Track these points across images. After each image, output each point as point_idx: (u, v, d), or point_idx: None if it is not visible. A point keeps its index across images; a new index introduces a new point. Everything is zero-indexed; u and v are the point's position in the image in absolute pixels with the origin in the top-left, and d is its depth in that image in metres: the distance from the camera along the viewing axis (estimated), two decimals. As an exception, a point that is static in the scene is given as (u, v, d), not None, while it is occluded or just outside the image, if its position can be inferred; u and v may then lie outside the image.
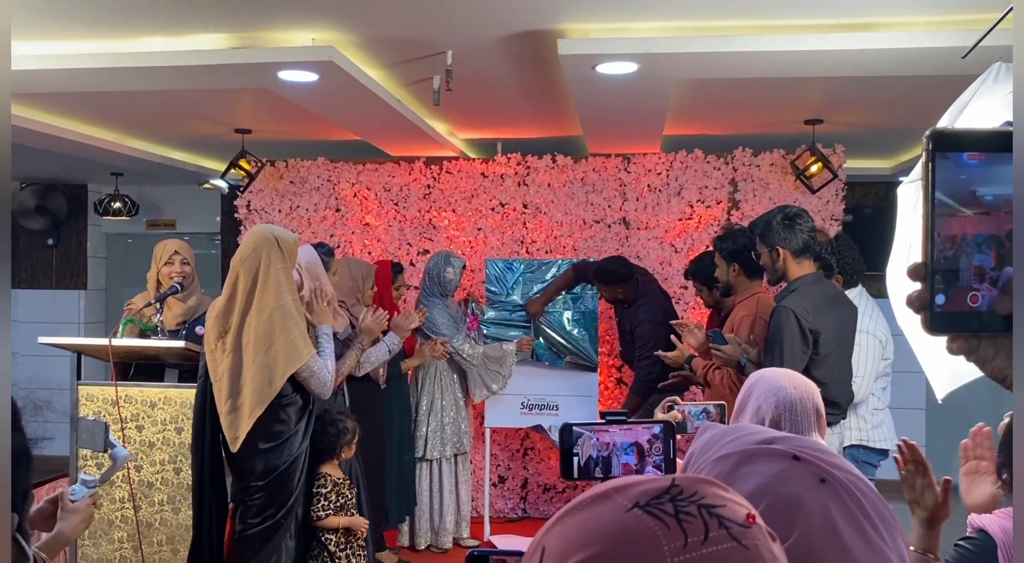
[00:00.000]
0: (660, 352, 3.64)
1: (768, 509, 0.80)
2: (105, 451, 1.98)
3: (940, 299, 0.69)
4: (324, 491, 3.12)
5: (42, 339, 3.67)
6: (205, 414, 3.08)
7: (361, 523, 3.15)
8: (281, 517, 2.99)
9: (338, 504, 3.14)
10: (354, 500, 3.23)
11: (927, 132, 0.70)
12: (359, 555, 3.19)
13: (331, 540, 3.11)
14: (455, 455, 4.80)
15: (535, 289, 5.04)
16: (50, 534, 1.81)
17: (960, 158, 0.69)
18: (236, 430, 2.91)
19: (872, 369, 3.56)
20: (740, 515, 0.58)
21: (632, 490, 0.60)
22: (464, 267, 4.85)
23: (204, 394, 3.09)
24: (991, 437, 1.68)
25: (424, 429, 4.69)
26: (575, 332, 5.03)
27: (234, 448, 2.91)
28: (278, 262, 2.93)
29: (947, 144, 0.69)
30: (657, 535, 0.56)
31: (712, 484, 0.61)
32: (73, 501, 1.83)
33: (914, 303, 0.70)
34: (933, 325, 0.70)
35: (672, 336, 3.55)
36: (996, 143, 0.69)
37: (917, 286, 0.71)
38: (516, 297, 5.06)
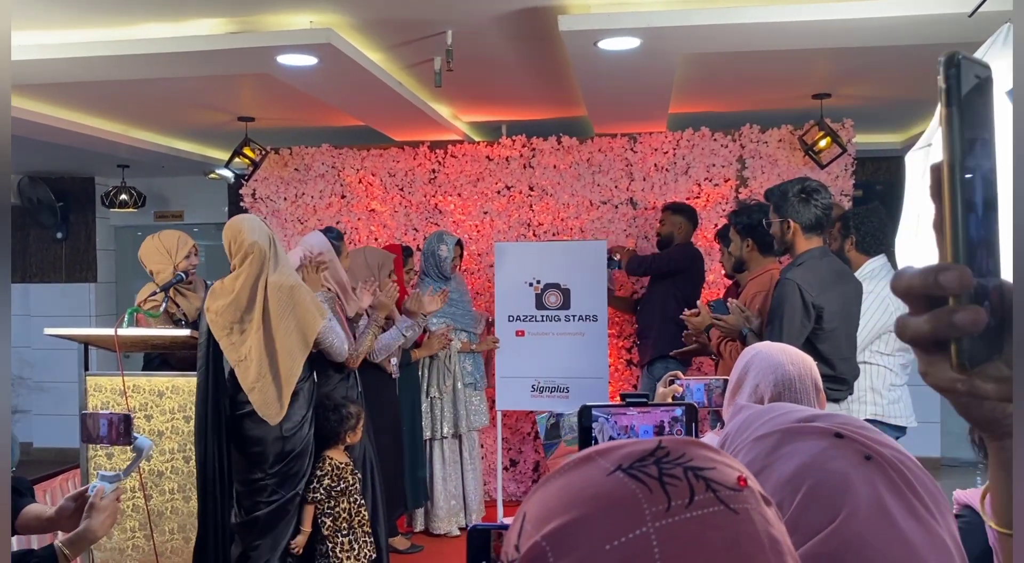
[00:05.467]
0: (687, 312, 3.58)
1: (813, 489, 0.77)
2: (129, 444, 1.93)
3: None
4: (319, 473, 3.13)
5: (48, 330, 3.67)
6: (207, 401, 3.15)
7: (300, 543, 3.14)
8: (293, 495, 3.10)
9: (339, 488, 3.14)
10: (358, 485, 3.23)
11: (945, 58, 0.55)
12: (364, 541, 3.19)
13: (325, 524, 3.11)
14: (453, 437, 4.78)
15: None
16: (74, 531, 1.77)
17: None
18: (280, 399, 3.02)
19: (871, 327, 3.47)
20: (730, 478, 0.55)
21: (616, 453, 0.56)
22: (459, 244, 4.83)
23: (206, 381, 3.13)
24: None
25: (422, 408, 4.71)
26: None
27: (275, 421, 3.02)
28: (277, 240, 3.18)
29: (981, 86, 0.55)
30: (639, 498, 0.52)
31: (702, 446, 0.57)
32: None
33: (967, 328, 0.52)
34: (993, 351, 0.54)
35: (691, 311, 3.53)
36: None
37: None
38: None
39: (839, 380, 2.96)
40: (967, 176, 0.51)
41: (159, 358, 4.01)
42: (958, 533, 0.80)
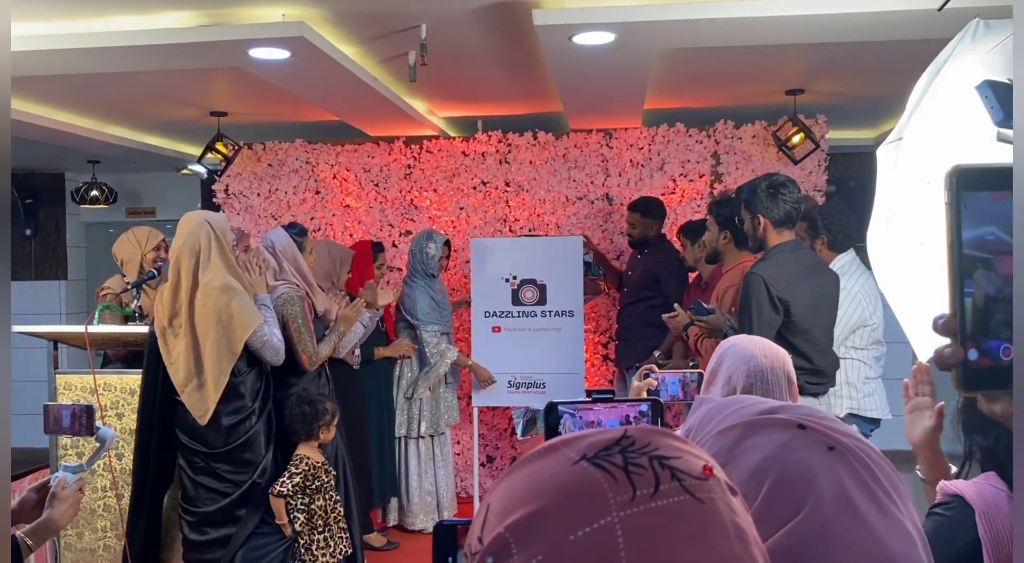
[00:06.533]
0: (665, 316, 3.59)
1: (777, 481, 0.77)
2: (91, 434, 1.93)
3: (973, 354, 0.64)
4: (295, 470, 3.10)
5: (17, 328, 3.61)
6: (155, 397, 3.19)
7: (287, 533, 3.15)
8: (252, 484, 3.14)
9: (314, 486, 3.12)
10: (332, 483, 3.21)
11: (950, 170, 0.64)
12: (340, 537, 3.17)
13: (299, 520, 3.09)
14: (429, 435, 4.77)
15: None
16: (36, 521, 1.76)
17: (986, 198, 0.64)
18: (206, 403, 3.06)
19: (845, 323, 3.50)
20: (696, 467, 0.54)
21: (581, 442, 0.55)
22: (447, 243, 4.81)
23: (155, 378, 3.20)
24: (930, 372, 1.65)
25: (396, 407, 4.69)
26: None
27: (204, 421, 3.07)
28: (214, 242, 3.14)
29: (972, 183, 0.64)
30: (603, 488, 0.51)
31: (668, 435, 0.57)
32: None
33: (947, 360, 0.64)
34: (967, 383, 0.64)
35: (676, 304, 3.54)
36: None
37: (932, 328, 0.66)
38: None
39: (818, 373, 2.96)
40: (963, 253, 0.64)
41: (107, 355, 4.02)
42: (919, 520, 0.81)
